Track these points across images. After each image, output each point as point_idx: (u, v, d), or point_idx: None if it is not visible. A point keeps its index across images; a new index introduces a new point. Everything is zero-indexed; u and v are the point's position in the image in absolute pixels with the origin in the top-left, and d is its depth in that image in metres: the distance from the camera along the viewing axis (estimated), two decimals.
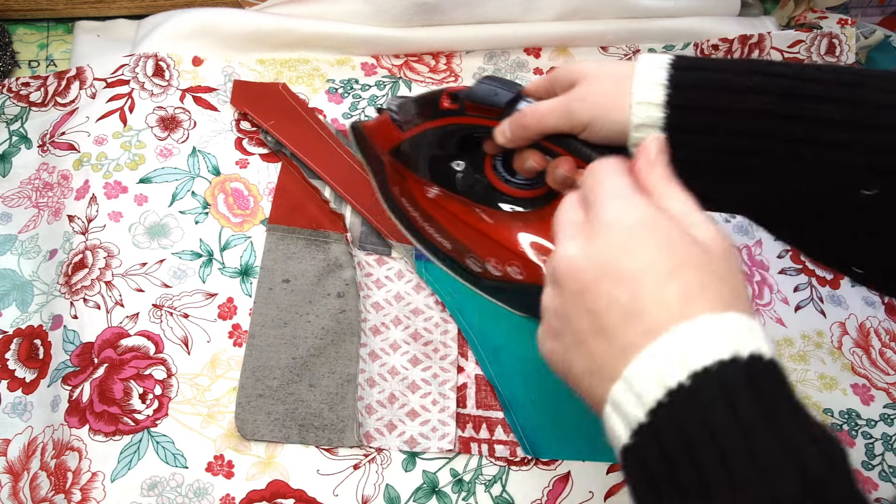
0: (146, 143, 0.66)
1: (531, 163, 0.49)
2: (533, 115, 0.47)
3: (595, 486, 0.54)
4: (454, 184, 0.57)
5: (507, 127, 0.49)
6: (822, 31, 0.76)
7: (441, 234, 0.59)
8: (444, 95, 0.53)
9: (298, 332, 0.58)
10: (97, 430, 0.52)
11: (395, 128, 0.58)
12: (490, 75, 0.53)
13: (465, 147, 0.56)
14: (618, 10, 0.76)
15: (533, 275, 0.55)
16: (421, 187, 0.58)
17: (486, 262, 0.56)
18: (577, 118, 0.45)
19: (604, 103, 0.44)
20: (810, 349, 0.61)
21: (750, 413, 0.28)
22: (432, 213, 0.58)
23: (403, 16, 0.73)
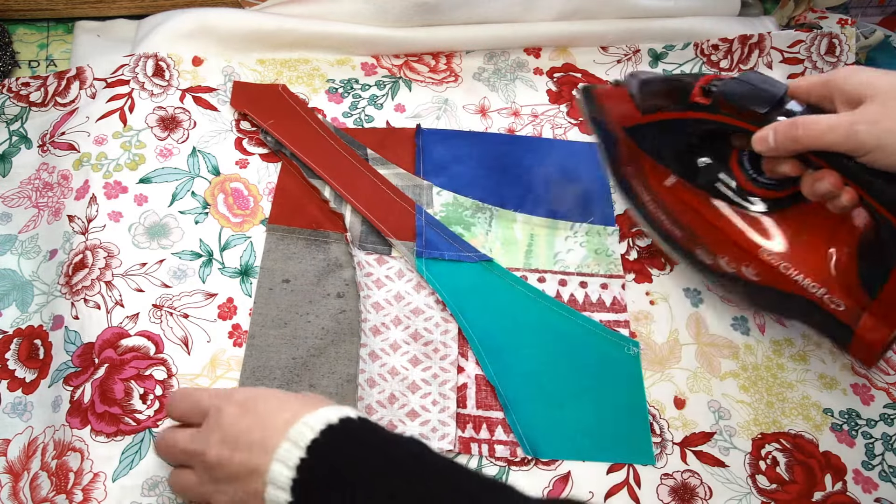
0: (146, 143, 0.66)
1: (785, 169, 0.47)
2: (809, 130, 0.44)
3: (595, 486, 0.54)
4: (695, 175, 0.55)
5: (772, 136, 0.46)
6: (822, 31, 0.76)
7: (674, 222, 0.57)
8: (697, 87, 0.51)
9: (298, 332, 0.58)
10: (99, 431, 0.52)
11: (633, 106, 0.56)
12: (750, 71, 0.49)
13: (710, 141, 0.54)
14: (618, 10, 0.76)
15: (770, 277, 0.53)
16: (658, 173, 0.57)
17: (719, 258, 0.55)
18: (863, 143, 0.42)
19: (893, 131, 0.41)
20: (810, 349, 0.61)
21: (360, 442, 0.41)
22: (667, 200, 0.57)
23: (403, 16, 0.73)
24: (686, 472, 0.55)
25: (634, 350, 0.59)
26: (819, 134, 0.44)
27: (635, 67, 0.77)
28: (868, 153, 0.42)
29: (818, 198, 0.47)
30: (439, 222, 0.64)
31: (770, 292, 0.54)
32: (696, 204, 0.55)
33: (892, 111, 0.42)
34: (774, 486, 0.54)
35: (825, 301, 0.52)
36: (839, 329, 0.52)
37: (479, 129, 0.72)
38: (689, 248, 0.58)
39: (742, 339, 0.61)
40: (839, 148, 0.43)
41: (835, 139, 0.43)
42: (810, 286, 0.52)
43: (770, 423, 0.57)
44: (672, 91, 0.53)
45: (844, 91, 0.44)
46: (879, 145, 0.42)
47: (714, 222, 0.55)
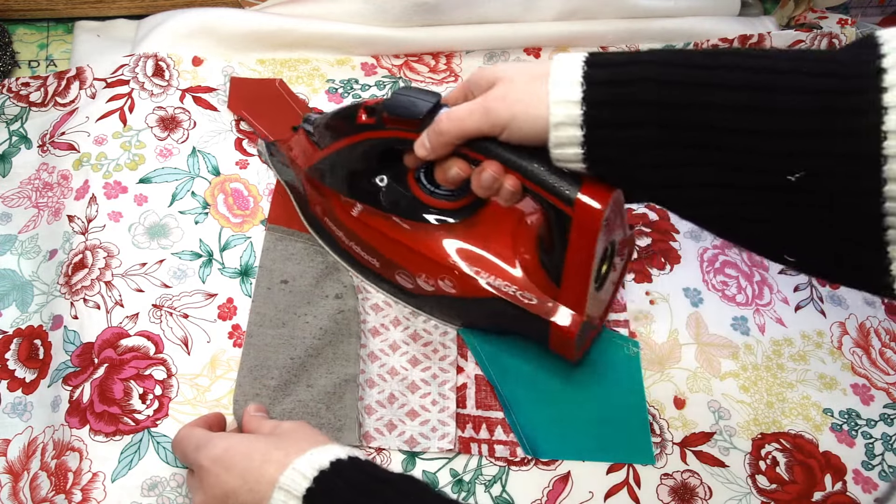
0: (146, 143, 0.66)
1: (455, 171, 0.48)
2: (450, 119, 0.46)
3: (595, 486, 0.54)
4: (378, 200, 0.56)
5: (426, 137, 0.48)
6: (822, 31, 0.76)
7: (369, 252, 0.58)
8: (361, 109, 0.52)
9: (296, 332, 0.58)
10: (98, 431, 0.52)
11: (312, 145, 0.57)
12: (408, 86, 0.51)
13: (386, 161, 0.55)
14: (618, 10, 0.76)
15: (465, 287, 0.54)
16: (343, 205, 0.57)
17: (417, 278, 0.56)
18: (497, 118, 0.44)
19: (523, 101, 0.44)
20: (810, 349, 0.61)
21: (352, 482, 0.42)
22: (357, 231, 0.57)
23: (403, 16, 0.73)
24: (686, 472, 0.55)
25: (634, 350, 0.59)
26: (459, 120, 0.46)
27: None
28: (505, 128, 0.45)
29: (487, 191, 0.48)
30: None
31: (473, 303, 0.55)
32: (385, 228, 0.56)
33: (517, 86, 0.44)
34: (774, 486, 0.54)
35: (519, 298, 0.53)
36: (539, 325, 0.53)
37: None
38: (391, 277, 0.58)
39: (742, 339, 0.61)
40: (481, 130, 0.45)
41: (474, 122, 0.45)
42: (503, 286, 0.53)
43: (770, 423, 0.57)
44: (342, 119, 0.54)
45: (479, 84, 0.47)
46: (512, 117, 0.44)
47: (404, 242, 0.55)
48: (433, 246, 0.55)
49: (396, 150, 0.52)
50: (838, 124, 0.36)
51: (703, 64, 0.40)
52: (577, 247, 0.48)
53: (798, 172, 0.38)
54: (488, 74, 0.47)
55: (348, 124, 0.53)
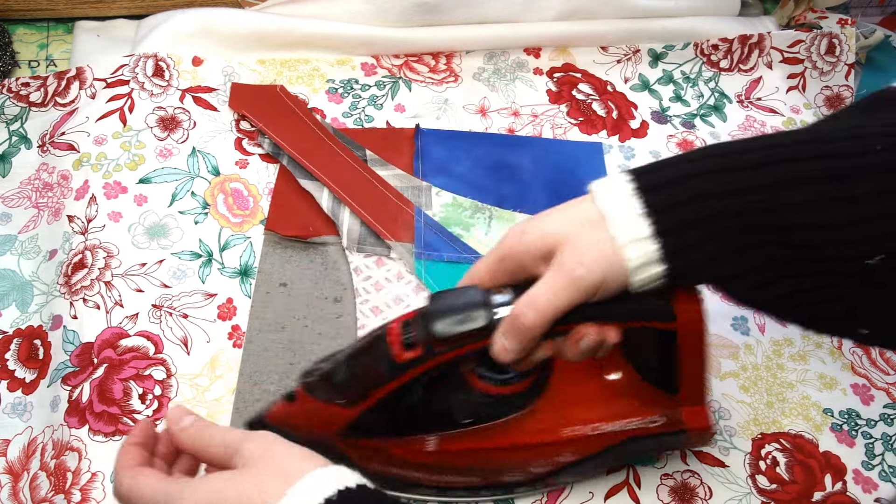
0: (146, 143, 0.66)
1: (542, 353, 0.44)
2: (535, 310, 0.41)
3: (595, 487, 0.53)
4: (452, 421, 0.49)
5: (505, 341, 0.42)
6: (822, 31, 0.76)
7: (464, 473, 0.51)
8: (395, 346, 0.43)
9: (295, 336, 0.58)
10: (97, 431, 0.52)
11: (331, 407, 0.46)
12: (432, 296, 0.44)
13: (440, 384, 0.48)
14: (618, 10, 0.76)
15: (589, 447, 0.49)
16: (410, 447, 0.49)
17: (532, 467, 0.50)
18: (587, 284, 0.40)
19: (606, 255, 0.40)
20: (810, 349, 0.61)
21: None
22: (442, 462, 0.50)
23: (403, 16, 0.73)
24: (686, 472, 0.54)
25: None
26: (547, 306, 0.40)
27: (635, 67, 0.77)
28: (598, 290, 0.41)
29: (589, 354, 0.43)
30: (438, 224, 0.64)
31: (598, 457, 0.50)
32: (473, 444, 0.49)
33: (588, 243, 0.40)
34: (774, 486, 0.54)
35: (645, 427, 0.49)
36: (675, 438, 0.50)
37: (479, 129, 0.71)
38: (496, 482, 0.51)
39: (742, 339, 0.61)
40: (574, 302, 0.41)
41: (564, 301, 0.41)
42: (625, 425, 0.49)
43: (770, 423, 0.57)
44: (368, 367, 0.45)
45: (530, 254, 0.42)
46: (603, 277, 0.40)
47: (502, 444, 0.49)
48: (537, 431, 0.49)
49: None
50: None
51: (762, 161, 0.39)
52: (689, 350, 0.45)
53: (878, 255, 0.37)
54: (537, 239, 0.41)
55: (383, 367, 0.44)
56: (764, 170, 0.39)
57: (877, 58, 0.80)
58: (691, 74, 0.78)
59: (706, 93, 0.77)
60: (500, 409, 0.49)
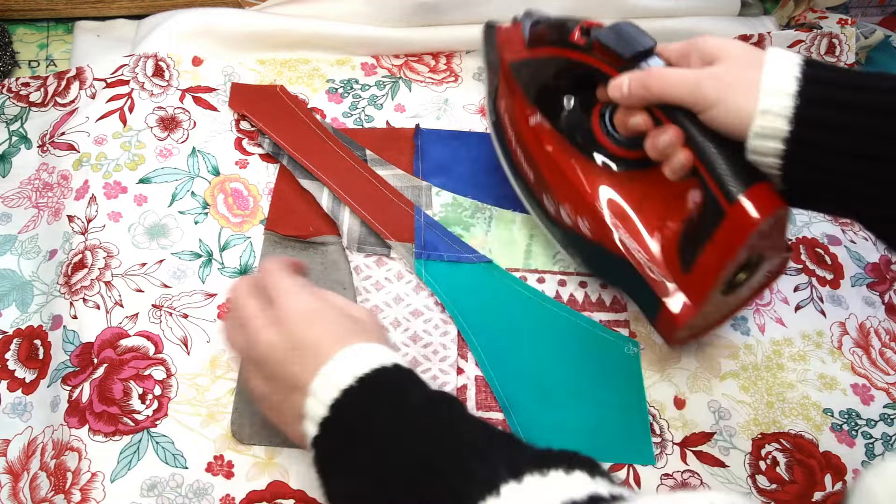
0: (146, 143, 0.66)
1: (637, 121, 0.48)
2: (660, 80, 0.46)
3: None
4: (558, 118, 0.56)
5: (626, 83, 0.48)
6: (822, 31, 0.76)
7: (529, 163, 0.58)
8: (578, 27, 0.52)
9: None
10: (97, 431, 0.52)
11: (522, 41, 0.57)
12: (628, 21, 0.50)
13: (580, 85, 0.55)
14: (618, 10, 0.76)
15: (599, 234, 0.54)
16: (525, 110, 0.57)
17: (562, 206, 0.56)
18: (705, 98, 0.44)
19: (735, 88, 0.43)
20: (810, 349, 0.61)
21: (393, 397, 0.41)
22: (528, 139, 0.57)
23: (403, 16, 0.74)
24: (686, 472, 0.54)
25: (634, 350, 0.59)
26: (669, 85, 0.45)
27: None
28: (709, 108, 0.44)
29: (658, 154, 0.47)
30: (438, 223, 0.64)
31: (600, 251, 0.55)
32: (552, 146, 0.56)
33: (736, 71, 0.44)
34: (774, 487, 0.54)
35: (643, 266, 0.53)
36: (651, 300, 0.53)
37: (479, 129, 0.71)
38: (538, 194, 0.59)
39: (742, 339, 0.61)
40: (686, 100, 0.45)
41: (682, 91, 0.45)
42: (634, 249, 0.53)
43: (770, 423, 0.57)
44: (558, 29, 0.54)
45: (702, 51, 0.47)
46: (719, 99, 0.43)
47: (562, 167, 0.55)
48: (589, 183, 0.55)
49: (594, 78, 0.52)
50: None
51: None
52: (720, 245, 0.47)
53: None
54: (712, 47, 0.46)
55: (561, 37, 0.53)
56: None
57: (877, 58, 0.80)
58: None
59: None
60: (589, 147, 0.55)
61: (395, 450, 0.39)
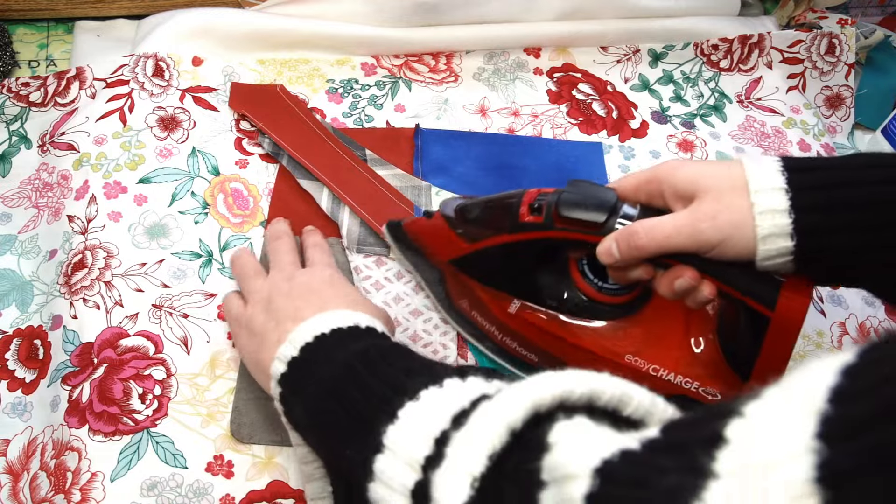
0: (146, 143, 0.66)
1: (639, 274, 0.46)
2: (651, 237, 0.44)
3: None
4: (540, 297, 0.53)
5: (615, 247, 0.45)
6: (822, 31, 0.76)
7: (527, 348, 0.54)
8: (523, 206, 0.49)
9: None
10: (97, 431, 0.52)
11: (457, 237, 0.53)
12: (575, 181, 0.47)
13: (547, 257, 0.52)
14: (618, 10, 0.76)
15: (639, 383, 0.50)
16: (497, 300, 0.54)
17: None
18: (707, 241, 0.43)
19: (736, 221, 0.42)
20: (810, 349, 0.61)
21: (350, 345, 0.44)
22: (515, 327, 0.54)
23: (403, 16, 0.73)
24: None
25: None
26: (664, 239, 0.44)
27: (635, 67, 0.77)
28: (714, 248, 0.43)
29: (678, 295, 0.45)
30: None
31: None
32: (547, 325, 0.53)
33: (727, 203, 0.42)
34: None
35: (700, 394, 0.50)
36: None
37: (479, 129, 0.71)
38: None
39: None
40: (686, 249, 0.44)
41: (680, 241, 0.43)
42: (683, 382, 0.50)
43: None
44: (497, 215, 0.51)
45: (674, 187, 0.45)
46: (723, 239, 0.42)
47: (570, 339, 0.52)
48: (604, 343, 0.52)
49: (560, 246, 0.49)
50: None
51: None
52: (777, 345, 0.46)
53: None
54: (687, 179, 0.44)
55: (507, 221, 0.50)
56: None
57: (877, 58, 0.80)
58: (691, 74, 0.78)
59: (706, 93, 0.77)
60: (586, 312, 0.52)
61: (327, 388, 0.42)
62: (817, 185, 0.41)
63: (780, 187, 0.41)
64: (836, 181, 0.41)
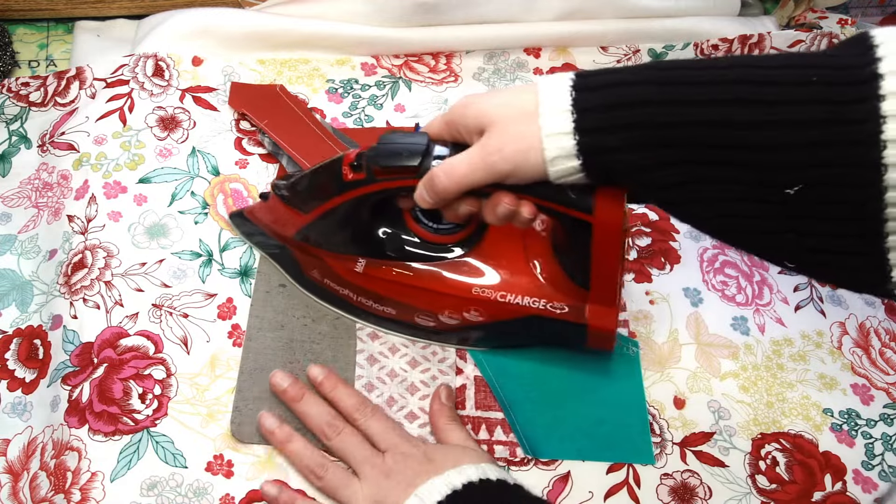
0: (146, 143, 0.66)
1: (465, 208, 0.48)
2: (450, 177, 0.45)
3: (595, 486, 0.53)
4: (382, 250, 0.55)
5: (424, 191, 0.47)
6: (822, 31, 0.76)
7: (382, 302, 0.56)
8: (345, 166, 0.50)
9: (295, 335, 0.58)
10: (97, 430, 0.52)
11: (293, 211, 0.55)
12: (389, 132, 0.49)
13: (380, 210, 0.53)
14: (618, 10, 0.76)
15: (493, 312, 0.54)
16: (343, 263, 0.56)
17: (440, 315, 0.55)
18: (499, 171, 0.44)
19: (520, 148, 0.43)
20: (810, 349, 0.61)
21: None
22: (365, 285, 0.56)
23: (403, 16, 0.73)
24: (686, 472, 0.54)
25: (634, 350, 0.59)
26: (461, 177, 0.45)
27: None
28: (509, 176, 0.44)
29: (503, 220, 0.47)
30: None
31: (501, 326, 0.55)
32: (395, 276, 0.55)
33: (513, 134, 0.43)
34: (774, 486, 0.54)
35: (549, 310, 0.52)
36: (574, 331, 0.53)
37: None
38: (410, 320, 0.57)
39: (742, 339, 0.61)
40: (485, 182, 0.45)
41: (477, 177, 0.45)
42: (530, 302, 0.53)
43: (770, 423, 0.57)
44: (325, 179, 0.52)
45: (467, 126, 0.46)
46: (514, 167, 0.44)
47: (419, 285, 0.54)
48: (451, 281, 0.54)
49: (389, 197, 0.51)
50: (835, 135, 0.36)
51: (695, 80, 0.40)
52: (604, 248, 0.48)
53: (796, 185, 0.38)
54: (475, 115, 0.45)
55: (333, 184, 0.51)
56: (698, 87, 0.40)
57: None
58: None
59: None
60: (426, 254, 0.55)
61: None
62: (602, 105, 0.41)
63: (566, 108, 0.42)
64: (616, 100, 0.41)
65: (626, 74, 0.42)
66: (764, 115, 0.38)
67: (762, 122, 0.38)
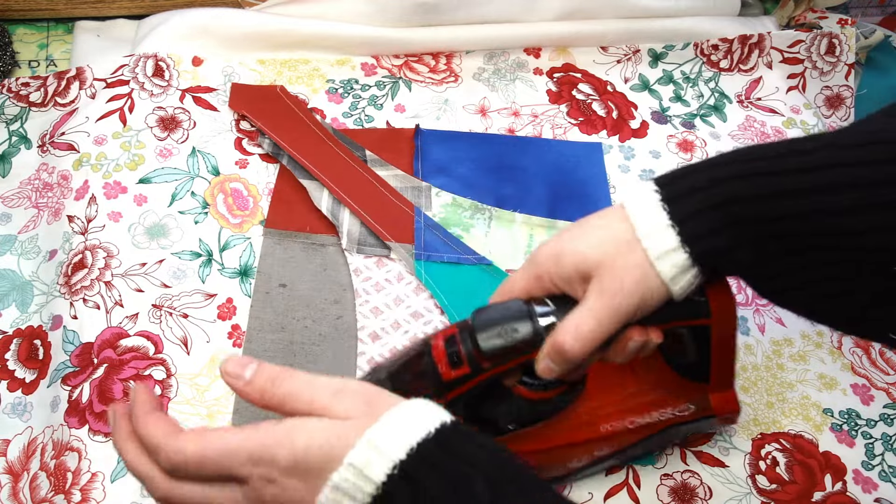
0: (146, 143, 0.66)
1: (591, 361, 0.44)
2: (579, 339, 0.41)
3: (594, 487, 0.53)
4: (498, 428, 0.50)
5: (551, 363, 0.42)
6: (822, 31, 0.76)
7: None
8: (443, 364, 0.42)
9: (295, 337, 0.58)
10: (97, 431, 0.52)
11: None
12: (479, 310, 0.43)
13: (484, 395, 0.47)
14: (618, 10, 0.76)
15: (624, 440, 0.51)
16: None
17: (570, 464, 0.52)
18: (626, 311, 0.41)
19: (638, 278, 0.41)
20: (810, 349, 0.61)
21: None
22: None
23: (403, 16, 0.73)
24: (686, 472, 0.54)
25: None
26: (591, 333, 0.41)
27: (635, 67, 0.77)
28: (637, 312, 0.42)
29: (633, 356, 0.44)
30: (438, 224, 0.64)
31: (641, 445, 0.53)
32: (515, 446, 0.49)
33: (621, 269, 0.41)
34: (774, 487, 0.54)
35: (678, 416, 0.51)
36: (707, 422, 0.52)
37: (479, 129, 0.71)
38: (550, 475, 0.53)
39: (742, 339, 0.61)
40: (618, 328, 0.42)
41: (608, 328, 0.41)
42: (659, 418, 0.51)
43: (770, 423, 0.57)
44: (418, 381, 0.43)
45: (565, 277, 0.43)
46: (641, 300, 0.41)
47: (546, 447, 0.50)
48: (576, 429, 0.51)
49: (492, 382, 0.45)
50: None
51: (793, 168, 0.39)
52: (723, 342, 0.47)
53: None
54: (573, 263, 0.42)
55: (433, 386, 0.43)
56: (798, 175, 0.39)
57: (877, 58, 0.80)
58: (691, 74, 0.78)
59: (706, 93, 0.77)
60: (541, 412, 0.50)
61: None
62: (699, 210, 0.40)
63: (665, 224, 0.40)
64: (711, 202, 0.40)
65: (711, 171, 0.41)
66: (864, 200, 0.38)
67: (864, 207, 0.38)
